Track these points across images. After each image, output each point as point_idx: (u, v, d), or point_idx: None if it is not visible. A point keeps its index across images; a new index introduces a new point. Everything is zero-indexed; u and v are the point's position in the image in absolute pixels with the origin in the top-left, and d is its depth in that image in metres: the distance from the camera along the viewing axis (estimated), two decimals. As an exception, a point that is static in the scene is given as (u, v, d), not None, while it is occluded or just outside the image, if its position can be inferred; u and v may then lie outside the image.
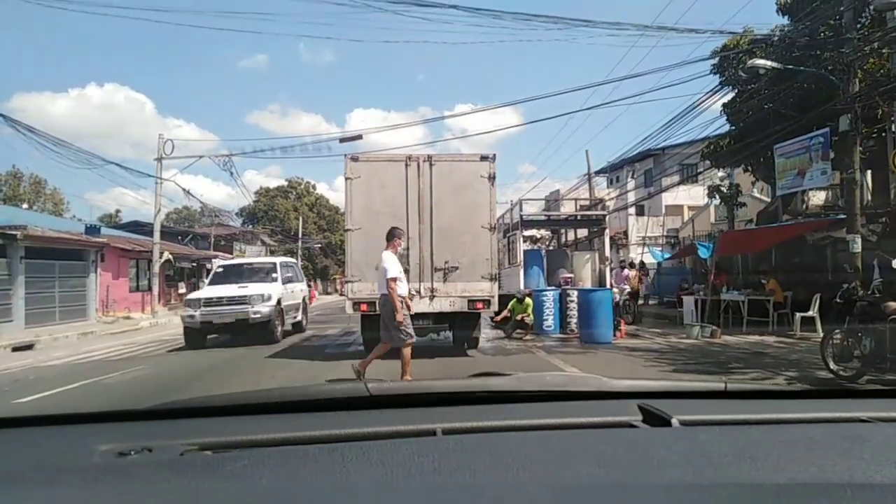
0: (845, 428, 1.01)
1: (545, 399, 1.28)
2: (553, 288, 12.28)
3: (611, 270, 13.51)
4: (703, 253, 12.01)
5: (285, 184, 60.35)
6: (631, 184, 23.97)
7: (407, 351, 6.25)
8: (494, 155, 8.53)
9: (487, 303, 8.47)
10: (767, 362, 7.98)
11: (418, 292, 8.29)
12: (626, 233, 24.97)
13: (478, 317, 8.91)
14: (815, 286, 11.93)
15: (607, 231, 13.34)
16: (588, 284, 13.12)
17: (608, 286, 12.98)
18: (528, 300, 11.49)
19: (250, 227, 52.01)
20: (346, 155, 8.58)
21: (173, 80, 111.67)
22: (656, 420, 1.03)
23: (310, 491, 0.73)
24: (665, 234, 24.80)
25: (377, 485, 0.73)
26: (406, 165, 8.43)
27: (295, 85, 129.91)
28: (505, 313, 11.27)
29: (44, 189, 51.57)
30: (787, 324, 11.51)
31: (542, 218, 15.06)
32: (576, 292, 11.69)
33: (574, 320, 11.58)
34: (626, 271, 14.40)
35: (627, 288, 13.87)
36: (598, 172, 24.81)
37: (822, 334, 10.63)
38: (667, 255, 16.38)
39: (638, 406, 1.10)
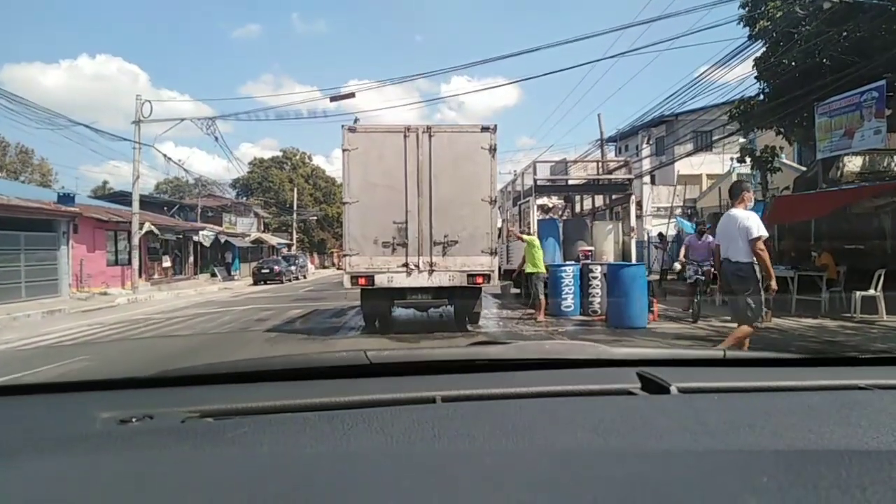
0: (843, 395, 1.00)
1: (544, 367, 1.27)
2: (572, 263, 10.72)
3: (642, 240, 11.85)
4: (746, 222, 10.38)
5: (280, 154, 58.45)
6: (646, 150, 22.16)
7: (745, 330, 5.23)
8: (496, 126, 8.16)
9: (487, 277, 8.24)
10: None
11: (417, 266, 8.15)
12: (640, 203, 23.29)
13: (478, 291, 8.64)
14: (871, 260, 10.43)
15: (633, 198, 11.71)
16: (610, 258, 11.56)
17: (633, 260, 11.42)
18: (528, 238, 9.97)
19: (244, 198, 50.25)
20: (343, 126, 8.21)
21: (166, 52, 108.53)
22: (655, 387, 1.03)
23: (310, 457, 0.72)
24: (682, 203, 23.18)
25: (377, 451, 0.72)
26: (405, 136, 8.14)
27: (288, 56, 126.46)
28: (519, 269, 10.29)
29: (31, 160, 49.82)
30: (841, 303, 10.07)
31: (560, 183, 13.37)
32: (599, 267, 10.14)
33: (597, 300, 10.07)
34: (707, 238, 9.53)
35: (710, 263, 9.53)
36: (607, 141, 23.08)
37: (885, 317, 9.30)
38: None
39: (637, 374, 1.10)
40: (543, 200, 14.95)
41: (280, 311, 12.95)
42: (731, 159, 23.35)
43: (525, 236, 9.94)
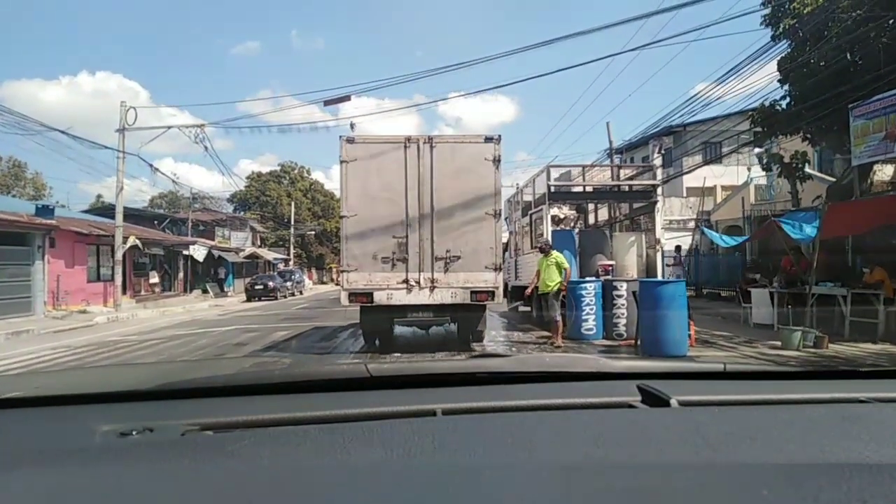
0: (844, 408, 0.99)
1: (544, 380, 1.25)
2: (593, 279, 9.49)
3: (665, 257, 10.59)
4: (793, 232, 9.18)
5: (278, 168, 57.49)
6: (657, 160, 21.00)
7: None
8: (499, 136, 7.84)
9: (492, 294, 7.86)
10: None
11: (418, 283, 7.82)
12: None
13: (482, 309, 8.22)
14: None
15: (659, 206, 10.52)
16: (633, 273, 10.34)
17: (659, 275, 10.21)
18: (555, 253, 8.67)
19: (241, 213, 49.12)
20: (340, 137, 7.93)
21: (165, 70, 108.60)
22: (655, 400, 1.02)
23: (310, 470, 0.72)
24: (696, 216, 22.13)
25: (377, 464, 0.72)
26: (405, 147, 7.84)
27: (287, 73, 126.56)
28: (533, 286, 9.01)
29: (23, 173, 48.87)
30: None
31: (576, 189, 12.15)
32: (625, 285, 8.92)
33: (623, 322, 8.83)
34: None
35: None
36: (610, 153, 21.95)
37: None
38: (733, 239, 13.15)
39: (637, 386, 1.09)
40: (554, 211, 13.77)
41: (265, 332, 11.72)
42: (748, 169, 22.35)
43: (554, 252, 8.71)
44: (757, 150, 22.75)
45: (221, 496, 0.64)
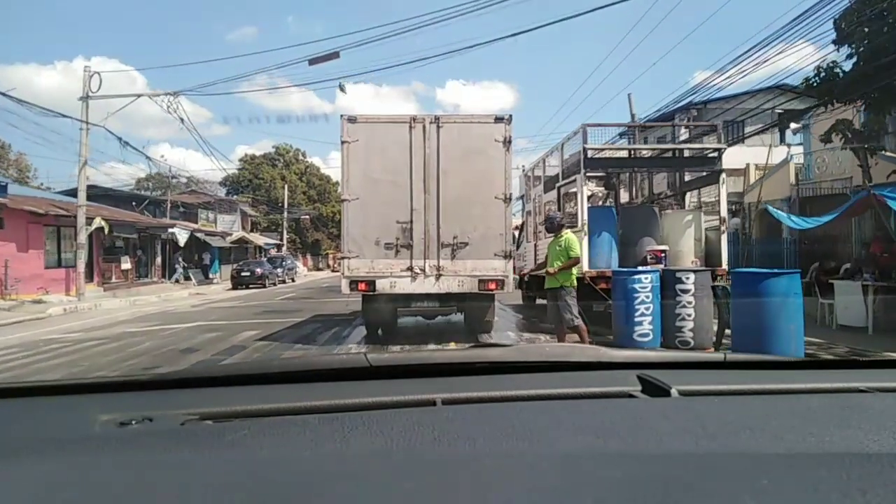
0: (844, 398, 0.98)
1: (545, 370, 1.23)
2: (649, 269, 7.31)
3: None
4: (903, 210, 7.04)
5: (272, 151, 55.06)
6: (684, 135, 18.72)
7: None
8: (510, 116, 7.47)
9: (501, 283, 7.51)
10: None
11: (423, 270, 7.50)
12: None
13: (491, 298, 7.89)
14: None
15: (724, 177, 8.32)
16: (689, 261, 8.20)
17: (724, 264, 8.06)
18: (567, 235, 6.48)
19: (234, 196, 46.86)
20: (342, 116, 7.61)
21: (162, 56, 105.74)
22: (655, 390, 1.01)
23: (310, 460, 0.71)
24: (727, 198, 19.88)
25: (377, 454, 0.72)
26: (410, 127, 7.52)
27: (283, 60, 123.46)
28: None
29: (7, 154, 46.63)
30: None
31: (619, 155, 9.89)
32: (692, 276, 6.76)
33: (689, 325, 6.69)
34: None
35: None
36: (625, 133, 19.73)
37: None
38: (803, 220, 10.74)
39: (637, 376, 1.07)
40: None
41: (231, 332, 9.58)
42: (788, 147, 20.16)
43: (566, 231, 6.57)
44: (793, 125, 20.55)
45: (221, 486, 0.63)
